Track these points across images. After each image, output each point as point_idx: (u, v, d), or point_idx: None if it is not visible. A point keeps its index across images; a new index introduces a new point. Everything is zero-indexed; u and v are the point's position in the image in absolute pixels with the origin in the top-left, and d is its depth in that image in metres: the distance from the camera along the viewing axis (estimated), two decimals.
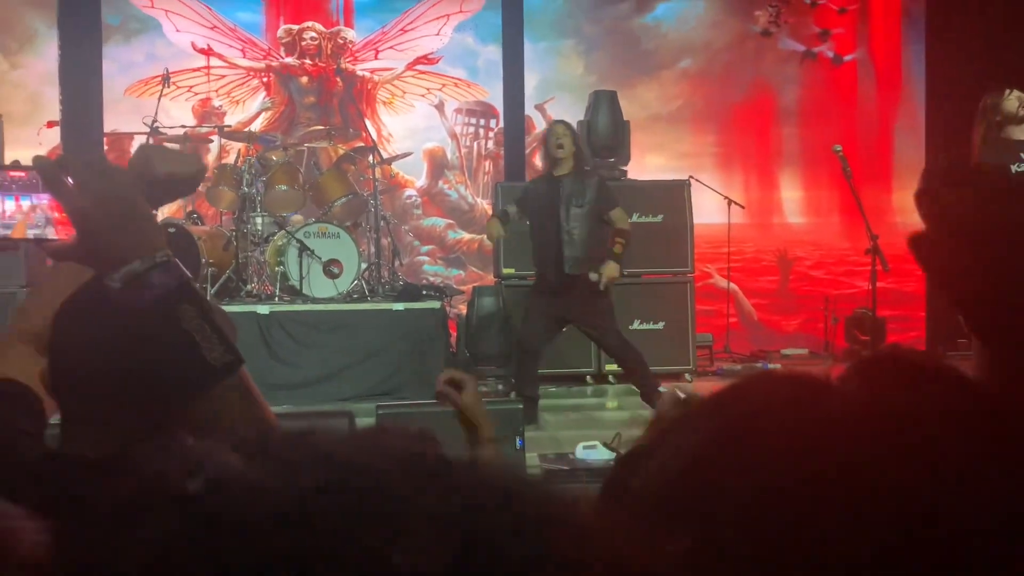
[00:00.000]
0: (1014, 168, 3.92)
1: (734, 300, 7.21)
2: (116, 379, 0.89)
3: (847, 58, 7.68)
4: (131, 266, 0.88)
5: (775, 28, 7.59)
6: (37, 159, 0.90)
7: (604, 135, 6.12)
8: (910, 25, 7.59)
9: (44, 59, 6.86)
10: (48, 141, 6.71)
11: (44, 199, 0.90)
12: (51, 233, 0.90)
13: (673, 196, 6.01)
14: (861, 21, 7.67)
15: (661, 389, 4.34)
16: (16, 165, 0.92)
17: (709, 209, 6.74)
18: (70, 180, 0.88)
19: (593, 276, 4.43)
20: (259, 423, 0.92)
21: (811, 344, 7.19)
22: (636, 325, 5.77)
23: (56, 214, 0.93)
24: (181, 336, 0.87)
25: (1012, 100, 3.95)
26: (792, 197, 7.60)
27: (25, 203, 0.90)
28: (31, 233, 0.91)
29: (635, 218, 5.87)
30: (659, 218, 5.95)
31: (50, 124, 6.79)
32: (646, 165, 6.95)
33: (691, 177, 6.30)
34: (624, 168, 6.20)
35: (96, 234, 0.88)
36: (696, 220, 6.09)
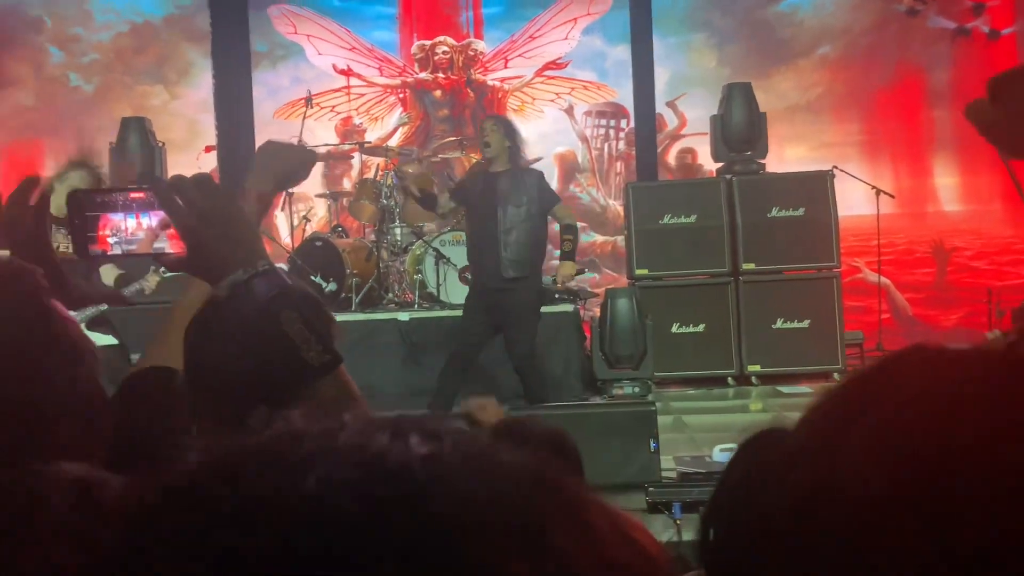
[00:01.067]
0: None
1: (886, 295, 6.83)
2: (238, 381, 0.97)
3: (1004, 32, 7.12)
4: (235, 276, 0.95)
5: (922, 6, 7.15)
6: (152, 180, 0.99)
7: (739, 128, 5.95)
8: None
9: (200, 89, 7.39)
10: (206, 165, 7.22)
11: (159, 217, 0.98)
12: (167, 247, 0.98)
13: (815, 188, 5.76)
14: None
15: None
16: (135, 187, 1.00)
17: (856, 200, 6.42)
18: (179, 199, 0.96)
19: (547, 280, 4.32)
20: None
21: (973, 339, 6.70)
22: (779, 324, 5.57)
23: (169, 230, 1.01)
24: (283, 339, 0.93)
25: None
26: (947, 184, 7.13)
27: (145, 221, 0.98)
28: (155, 247, 0.99)
29: (775, 212, 5.67)
30: (800, 211, 5.72)
31: (207, 149, 7.30)
32: (786, 157, 6.71)
33: (834, 167, 6.02)
34: (762, 161, 6.01)
35: (203, 247, 0.95)
36: (841, 212, 5.81)
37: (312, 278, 5.54)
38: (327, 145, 6.77)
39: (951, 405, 0.46)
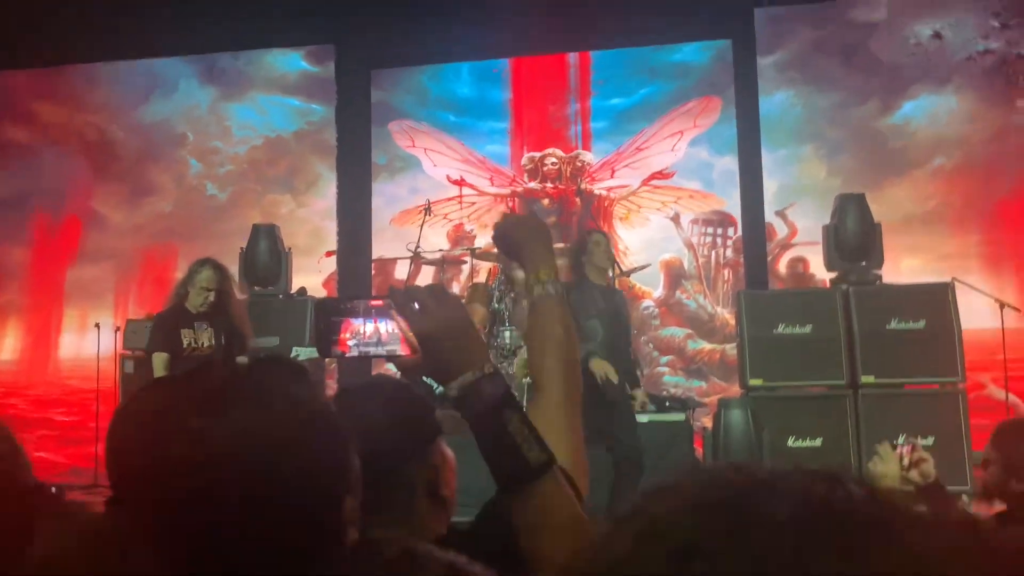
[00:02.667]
0: None
1: (1014, 413, 6.47)
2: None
3: None
4: (464, 377, 1.02)
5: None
6: (392, 290, 1.09)
7: (853, 238, 5.88)
8: None
9: (325, 198, 7.84)
10: (326, 268, 7.58)
11: (393, 322, 1.07)
12: (398, 350, 1.07)
13: (936, 299, 5.60)
14: None
15: None
16: (376, 296, 1.10)
17: (978, 314, 6.18)
18: (416, 306, 1.05)
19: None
20: (575, 510, 1.01)
21: None
22: (902, 439, 5.33)
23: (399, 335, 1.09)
24: (508, 438, 0.99)
25: None
26: None
27: (383, 327, 1.07)
28: (387, 349, 1.07)
29: (894, 324, 5.52)
30: (921, 323, 5.55)
31: (328, 254, 7.67)
32: (902, 269, 6.56)
33: (954, 279, 5.85)
34: (878, 272, 5.90)
35: (437, 351, 1.03)
36: (964, 326, 5.61)
37: (424, 378, 5.65)
38: (440, 251, 7.01)
39: None
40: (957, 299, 5.64)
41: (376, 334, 1.07)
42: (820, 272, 6.64)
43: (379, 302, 1.07)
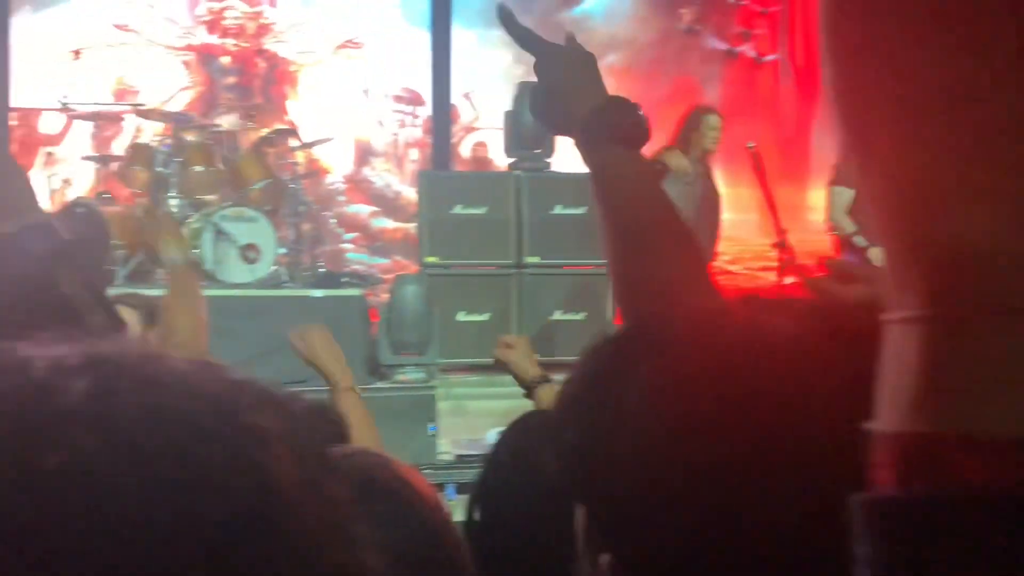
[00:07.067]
0: None
1: None
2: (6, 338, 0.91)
3: (767, 58, 7.87)
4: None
5: (699, 26, 7.74)
6: None
7: (530, 126, 6.13)
8: None
9: None
10: None
11: None
12: None
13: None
14: (782, 23, 7.87)
15: None
16: None
17: None
18: None
19: None
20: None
21: None
22: (557, 315, 5.82)
23: None
24: (58, 300, 0.86)
25: None
26: None
27: None
28: None
29: (559, 209, 5.91)
30: (582, 210, 5.99)
31: None
32: (571, 157, 7.00)
33: None
34: (548, 160, 6.24)
35: None
36: None
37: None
38: (97, 104, 6.20)
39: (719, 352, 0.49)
40: None
41: None
42: (500, 157, 6.89)
43: None
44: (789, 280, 4.88)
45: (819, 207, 7.66)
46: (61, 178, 6.10)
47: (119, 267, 5.20)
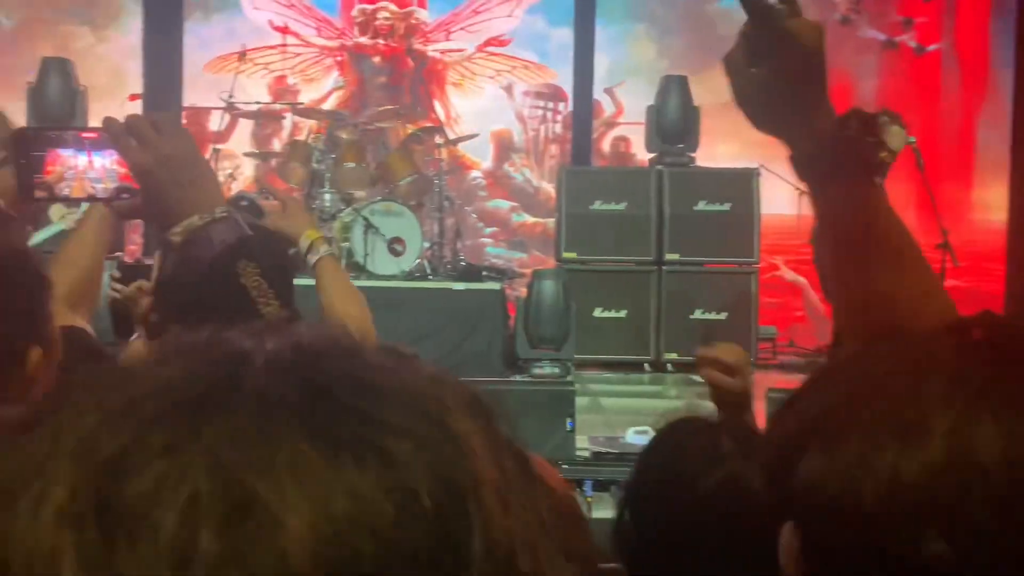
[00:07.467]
0: None
1: (801, 293, 7.06)
2: (191, 319, 0.99)
3: (930, 48, 7.40)
4: (190, 221, 0.92)
5: (855, 15, 7.37)
6: (106, 120, 0.94)
7: (673, 120, 6.05)
8: (999, 17, 7.27)
9: (128, 34, 7.10)
10: (130, 113, 6.93)
11: (113, 156, 0.94)
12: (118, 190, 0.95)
13: (741, 184, 5.91)
14: (947, 10, 7.38)
15: None
16: (88, 127, 0.96)
17: (780, 200, 6.59)
18: (136, 140, 0.92)
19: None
20: None
21: None
22: (697, 314, 5.70)
23: (122, 170, 0.97)
24: (238, 290, 0.91)
25: None
26: None
27: (98, 160, 0.94)
28: (96, 188, 0.95)
29: (701, 206, 5.80)
30: (726, 206, 5.86)
31: (132, 97, 7.02)
32: (716, 152, 6.83)
33: (762, 166, 6.17)
34: (692, 155, 6.12)
35: (158, 190, 0.92)
36: (766, 211, 5.97)
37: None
38: (258, 103, 6.58)
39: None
40: (761, 185, 5.97)
41: (90, 169, 0.94)
42: (641, 152, 6.81)
43: (93, 133, 0.94)
44: (950, 285, 4.58)
45: (983, 205, 7.17)
46: (226, 172, 6.51)
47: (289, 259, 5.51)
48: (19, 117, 4.87)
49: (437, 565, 0.26)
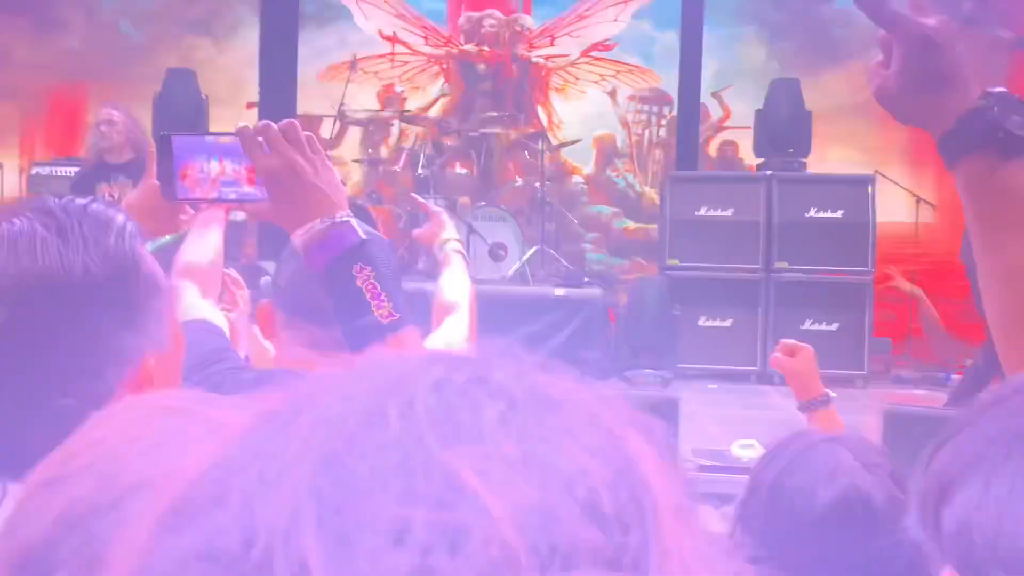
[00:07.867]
0: None
1: (917, 304, 6.73)
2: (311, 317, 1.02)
3: None
4: (312, 224, 0.95)
5: (982, 14, 6.99)
6: (240, 126, 0.98)
7: (782, 125, 5.88)
8: None
9: (246, 45, 7.41)
10: (247, 120, 7.23)
11: (244, 161, 0.97)
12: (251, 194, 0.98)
13: (856, 191, 5.68)
14: None
15: None
16: (224, 132, 1.00)
17: (896, 208, 6.32)
18: (267, 146, 0.95)
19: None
20: None
21: None
22: (808, 324, 5.51)
23: (247, 174, 1.00)
24: (353, 292, 0.93)
25: None
26: None
27: (229, 166, 0.97)
28: (227, 191, 0.98)
29: (813, 212, 5.61)
30: (839, 213, 5.65)
31: (249, 106, 7.32)
32: (829, 158, 6.61)
33: (877, 172, 5.92)
34: (803, 160, 5.94)
35: (285, 195, 0.95)
36: (881, 218, 5.73)
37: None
38: (367, 111, 6.75)
39: None
40: (877, 192, 5.73)
41: (223, 175, 0.98)
42: (749, 157, 6.65)
43: (228, 139, 0.98)
44: None
45: None
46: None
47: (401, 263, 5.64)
48: (145, 125, 5.14)
49: (616, 567, 0.26)
